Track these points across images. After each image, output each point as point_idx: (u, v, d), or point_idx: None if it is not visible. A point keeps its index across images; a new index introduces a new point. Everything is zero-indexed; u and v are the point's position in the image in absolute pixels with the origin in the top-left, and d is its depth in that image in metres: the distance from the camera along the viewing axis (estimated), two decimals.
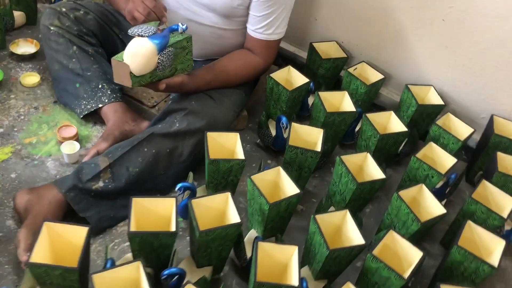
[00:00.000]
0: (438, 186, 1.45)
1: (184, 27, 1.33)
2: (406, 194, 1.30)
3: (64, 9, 1.62)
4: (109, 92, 1.58)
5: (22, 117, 1.58)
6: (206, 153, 1.28)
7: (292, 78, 1.64)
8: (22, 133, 1.53)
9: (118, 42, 1.70)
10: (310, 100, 1.78)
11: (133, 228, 1.09)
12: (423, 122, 1.65)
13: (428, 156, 1.46)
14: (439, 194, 1.46)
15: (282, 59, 1.96)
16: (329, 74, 1.76)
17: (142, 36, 1.25)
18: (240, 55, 1.57)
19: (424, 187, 1.32)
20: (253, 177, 1.25)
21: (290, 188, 1.26)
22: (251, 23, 1.54)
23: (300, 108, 1.74)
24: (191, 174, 1.35)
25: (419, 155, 1.43)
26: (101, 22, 1.67)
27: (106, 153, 1.36)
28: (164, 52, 1.28)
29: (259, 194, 1.20)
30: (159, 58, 1.28)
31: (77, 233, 1.06)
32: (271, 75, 1.57)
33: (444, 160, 1.44)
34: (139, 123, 1.56)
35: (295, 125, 1.43)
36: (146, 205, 1.16)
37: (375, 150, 1.48)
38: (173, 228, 1.10)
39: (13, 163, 1.44)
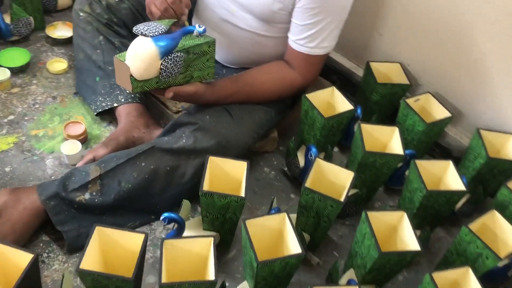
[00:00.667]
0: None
1: (201, 29, 1.12)
2: (444, 277, 0.99)
3: None
4: (127, 91, 1.42)
5: (37, 106, 1.48)
6: (202, 181, 1.07)
7: (334, 101, 1.37)
8: (32, 123, 1.43)
9: None
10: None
11: (84, 265, 0.91)
12: (493, 179, 1.31)
13: (489, 227, 1.13)
14: (496, 276, 1.13)
15: (337, 75, 1.69)
16: (384, 101, 1.46)
17: (145, 35, 1.06)
18: (274, 67, 1.33)
19: (470, 272, 1.00)
20: (248, 222, 1.02)
21: (292, 244, 1.01)
22: (292, 32, 1.29)
23: (345, 136, 1.46)
24: (185, 203, 1.15)
25: (476, 225, 1.10)
26: (135, 12, 1.51)
27: (100, 161, 1.20)
28: (170, 57, 1.09)
29: (250, 246, 0.97)
30: (162, 64, 1.08)
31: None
32: (308, 95, 1.32)
33: (508, 237, 1.10)
34: (152, 130, 1.39)
35: (320, 161, 1.17)
36: (113, 237, 0.98)
37: (420, 207, 1.17)
38: (132, 275, 0.90)
39: (11, 156, 1.33)
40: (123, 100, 1.41)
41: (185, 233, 1.14)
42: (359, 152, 1.22)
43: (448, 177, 1.23)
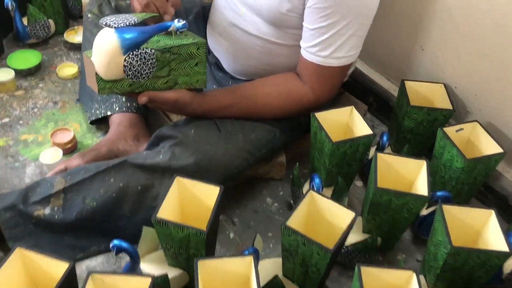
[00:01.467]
0: None
1: (180, 24, 0.96)
2: None
3: None
4: (123, 100, 1.28)
5: (35, 110, 1.39)
6: (158, 206, 0.88)
7: (353, 124, 1.13)
8: (24, 128, 1.33)
9: None
10: None
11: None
12: None
13: None
14: None
15: (374, 96, 1.43)
16: (419, 129, 1.19)
17: (109, 26, 0.91)
18: (280, 79, 1.12)
19: None
20: (202, 262, 0.81)
21: None
22: (304, 38, 1.08)
23: (367, 165, 1.21)
24: (146, 231, 0.96)
25: None
26: None
27: (67, 173, 1.06)
28: (136, 52, 0.92)
29: None
30: (126, 60, 0.92)
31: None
32: (318, 114, 1.10)
33: None
34: (142, 143, 1.23)
35: (313, 195, 0.94)
36: (35, 262, 0.82)
37: (444, 267, 0.89)
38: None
39: None
40: (117, 108, 1.27)
41: (146, 268, 0.95)
42: (372, 188, 0.97)
43: (489, 231, 0.94)
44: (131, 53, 0.92)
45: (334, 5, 1.00)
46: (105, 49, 0.91)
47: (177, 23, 0.96)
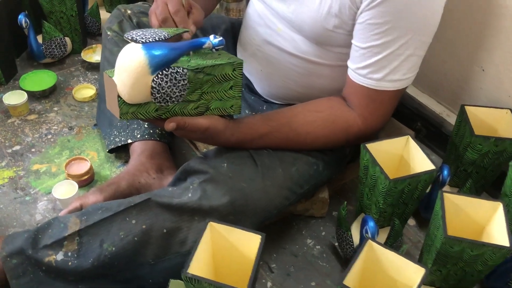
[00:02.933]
0: None
1: (216, 41, 0.83)
2: None
3: (129, 11, 1.26)
4: (145, 126, 1.15)
5: (49, 137, 1.27)
6: (189, 259, 0.74)
7: (409, 156, 0.99)
8: (37, 156, 1.21)
9: None
10: None
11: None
12: None
13: None
14: None
15: (423, 122, 1.28)
16: (483, 161, 1.03)
17: (135, 41, 0.78)
18: (325, 104, 0.98)
19: None
20: None
21: None
22: (352, 59, 0.95)
23: (424, 204, 1.06)
24: (173, 285, 0.82)
25: None
26: None
27: (83, 212, 0.92)
28: (166, 72, 0.79)
29: None
30: (154, 81, 0.79)
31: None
32: (369, 145, 0.95)
33: None
34: (166, 176, 1.10)
35: (372, 245, 0.79)
36: None
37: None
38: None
39: (2, 193, 1.12)
40: (139, 136, 1.15)
41: None
42: (439, 236, 0.82)
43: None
44: (161, 73, 0.79)
45: (392, 21, 0.86)
46: (130, 67, 0.78)
47: (214, 40, 0.82)
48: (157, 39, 0.79)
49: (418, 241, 1.06)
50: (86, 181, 1.13)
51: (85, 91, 1.40)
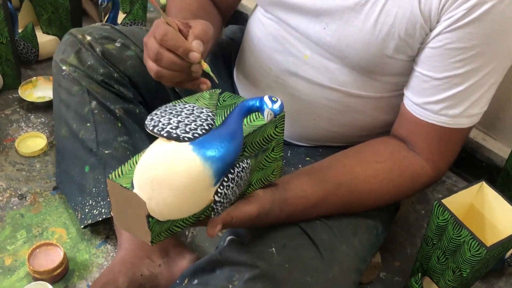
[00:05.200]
0: None
1: (277, 107, 0.56)
2: None
3: (89, 38, 0.96)
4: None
5: None
6: None
7: (484, 204, 0.81)
8: None
9: (172, 100, 1.00)
10: None
11: None
12: None
13: None
14: None
15: None
16: None
17: (178, 139, 0.52)
18: (383, 151, 0.76)
19: None
20: None
21: None
22: (418, 91, 0.74)
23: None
24: None
25: None
26: None
27: None
28: (230, 176, 0.54)
29: None
30: (218, 193, 0.54)
31: None
32: (445, 200, 0.76)
33: None
34: (174, 260, 0.83)
35: None
36: None
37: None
38: None
39: None
40: None
41: None
42: None
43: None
44: (226, 179, 0.54)
45: (481, 45, 0.67)
46: (183, 183, 0.51)
47: (274, 106, 0.56)
48: (206, 128, 0.54)
49: None
50: (59, 276, 0.84)
51: (33, 141, 1.07)
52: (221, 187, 0.53)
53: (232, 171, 0.54)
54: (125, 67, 0.96)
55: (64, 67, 0.95)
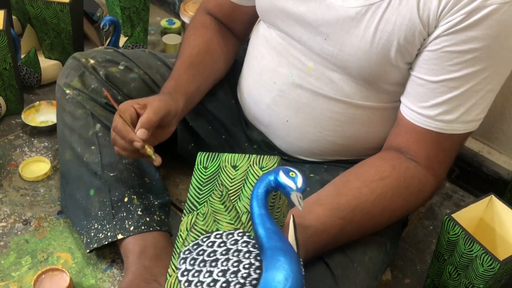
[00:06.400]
0: None
1: (301, 185, 0.52)
2: None
3: (92, 61, 0.97)
4: (139, 213, 0.87)
5: None
6: None
7: (494, 218, 0.80)
8: None
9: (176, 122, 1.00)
10: None
11: None
12: None
13: None
14: None
15: (455, 161, 1.11)
16: None
17: None
18: (384, 166, 0.74)
19: None
20: None
21: None
22: (414, 96, 0.74)
23: None
24: None
25: None
26: (151, 84, 0.99)
27: None
28: None
29: None
30: None
31: None
32: (455, 215, 0.76)
33: None
34: None
35: None
36: None
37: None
38: None
39: None
40: (132, 227, 0.85)
41: None
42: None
43: None
44: None
45: (480, 49, 0.67)
46: None
47: (296, 184, 0.51)
48: (253, 261, 0.48)
49: None
50: None
51: (36, 166, 1.07)
52: None
53: None
54: (129, 89, 0.97)
55: (68, 91, 0.95)
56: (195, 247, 0.52)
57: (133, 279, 0.80)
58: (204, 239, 0.52)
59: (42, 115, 1.19)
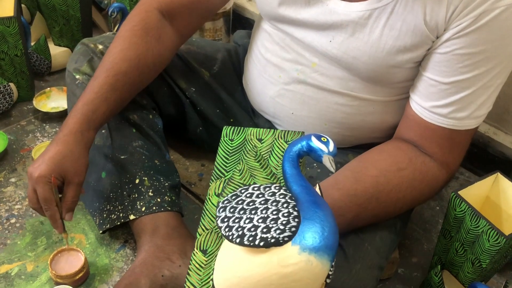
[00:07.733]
0: None
1: (333, 149, 0.52)
2: None
3: (101, 46, 0.98)
4: (150, 194, 0.89)
5: (13, 221, 0.95)
6: None
7: (499, 195, 0.81)
8: (1, 253, 0.89)
9: (186, 106, 1.02)
10: None
11: None
12: None
13: None
14: None
15: None
16: None
17: (276, 243, 0.48)
18: (402, 157, 0.75)
19: None
20: None
21: None
22: (426, 95, 0.74)
23: None
24: None
25: None
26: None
27: None
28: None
29: None
30: (329, 276, 0.51)
31: None
32: (461, 192, 0.77)
33: None
34: None
35: None
36: None
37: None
38: None
39: None
40: (144, 208, 0.87)
41: None
42: None
43: None
44: (334, 262, 0.51)
45: (489, 50, 0.68)
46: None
47: (328, 148, 0.51)
48: (292, 211, 0.49)
49: None
50: (81, 280, 0.84)
51: None
52: (332, 269, 0.50)
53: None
54: None
55: (77, 76, 0.97)
56: (233, 197, 0.53)
57: (146, 257, 0.82)
58: (243, 191, 0.54)
59: (53, 101, 1.21)
